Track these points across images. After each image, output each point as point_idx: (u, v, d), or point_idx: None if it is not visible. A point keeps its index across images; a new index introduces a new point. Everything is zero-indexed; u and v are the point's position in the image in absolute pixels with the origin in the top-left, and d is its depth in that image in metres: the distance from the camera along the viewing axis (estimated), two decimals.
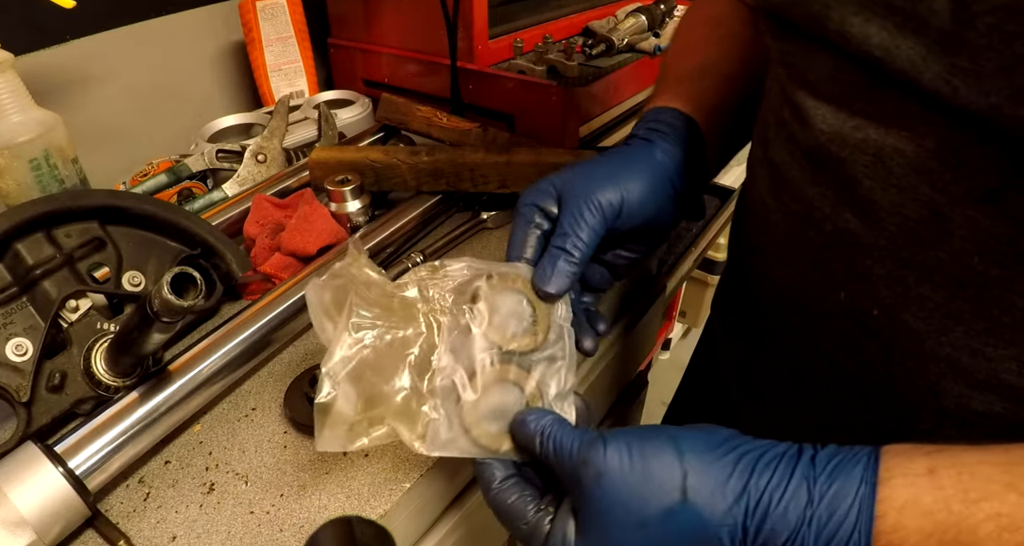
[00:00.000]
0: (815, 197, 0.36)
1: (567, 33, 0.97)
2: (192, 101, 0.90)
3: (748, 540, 0.28)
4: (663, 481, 0.29)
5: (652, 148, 0.44)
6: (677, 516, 0.29)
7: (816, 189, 0.36)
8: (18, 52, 0.59)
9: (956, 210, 0.30)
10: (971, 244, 0.30)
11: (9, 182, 0.58)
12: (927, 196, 0.30)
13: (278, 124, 0.74)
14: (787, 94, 0.37)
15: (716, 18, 0.55)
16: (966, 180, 0.29)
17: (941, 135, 0.29)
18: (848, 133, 0.33)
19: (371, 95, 0.88)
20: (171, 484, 0.43)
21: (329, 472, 0.43)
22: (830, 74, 0.33)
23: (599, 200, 0.40)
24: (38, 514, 0.36)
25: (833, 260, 0.36)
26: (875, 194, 0.32)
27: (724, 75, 0.50)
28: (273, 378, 0.50)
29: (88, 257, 0.48)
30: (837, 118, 0.33)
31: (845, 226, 0.34)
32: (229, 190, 0.69)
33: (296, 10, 0.88)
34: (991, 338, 0.31)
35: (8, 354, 0.42)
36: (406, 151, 0.65)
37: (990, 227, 0.29)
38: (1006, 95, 0.25)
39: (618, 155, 0.44)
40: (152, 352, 0.42)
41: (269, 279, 0.57)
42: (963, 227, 0.30)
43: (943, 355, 0.33)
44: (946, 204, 0.30)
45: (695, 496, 0.29)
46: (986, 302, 0.30)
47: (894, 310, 0.34)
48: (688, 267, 0.92)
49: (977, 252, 0.30)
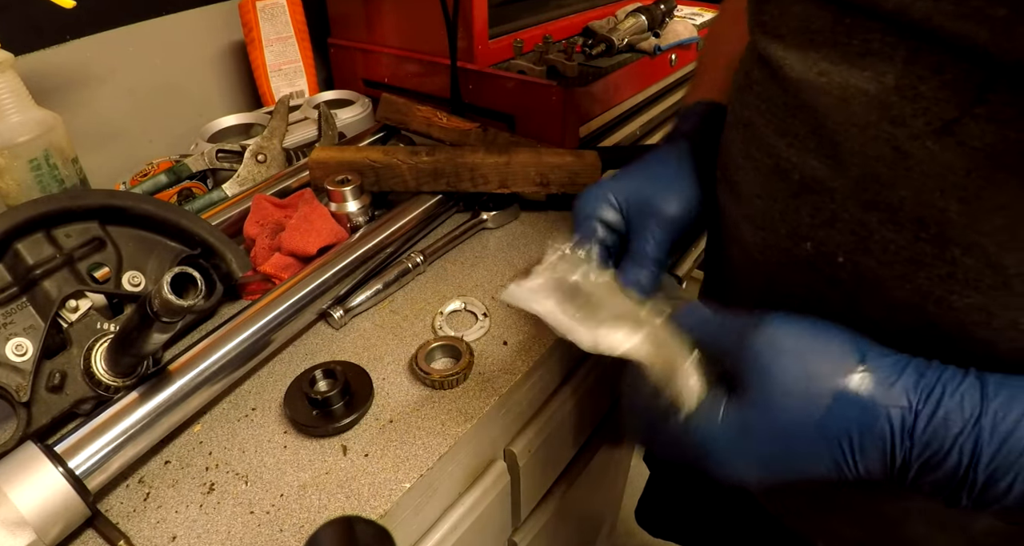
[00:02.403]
0: (783, 148, 0.36)
1: (567, 33, 0.97)
2: (192, 101, 0.90)
3: (918, 427, 0.28)
4: (840, 354, 0.30)
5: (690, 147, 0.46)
6: (849, 392, 0.29)
7: (784, 140, 0.36)
8: (18, 52, 0.59)
9: (915, 144, 0.30)
10: (931, 179, 0.30)
11: (9, 182, 0.58)
12: (888, 132, 0.31)
13: (278, 124, 0.74)
14: (759, 49, 0.38)
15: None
16: (924, 112, 0.29)
17: (901, 70, 0.29)
18: (814, 78, 0.33)
19: (371, 95, 0.88)
20: (171, 484, 0.43)
21: (329, 472, 0.43)
22: (800, 22, 0.34)
23: (667, 217, 0.44)
24: (38, 514, 0.36)
25: (799, 209, 0.36)
26: (839, 136, 0.33)
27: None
28: (273, 378, 0.50)
29: (88, 257, 0.48)
30: (804, 64, 0.34)
31: (812, 173, 0.35)
32: (229, 190, 0.69)
33: (296, 10, 0.88)
34: (955, 284, 0.31)
35: (8, 354, 0.42)
36: (406, 151, 0.65)
37: (950, 160, 0.29)
38: (973, 20, 0.26)
39: (669, 158, 0.46)
40: (152, 352, 0.42)
41: (269, 279, 0.57)
42: (923, 162, 0.30)
43: (908, 304, 0.33)
44: (906, 139, 0.30)
45: (870, 372, 0.29)
46: (947, 242, 0.30)
47: (857, 255, 0.34)
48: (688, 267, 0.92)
49: (938, 188, 0.30)
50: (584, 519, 0.86)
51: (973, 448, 0.27)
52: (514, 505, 0.59)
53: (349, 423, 0.45)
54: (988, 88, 0.27)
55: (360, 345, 0.53)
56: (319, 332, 0.55)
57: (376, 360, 0.51)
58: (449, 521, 0.49)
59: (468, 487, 0.51)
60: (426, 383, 0.48)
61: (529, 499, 0.62)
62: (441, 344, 0.51)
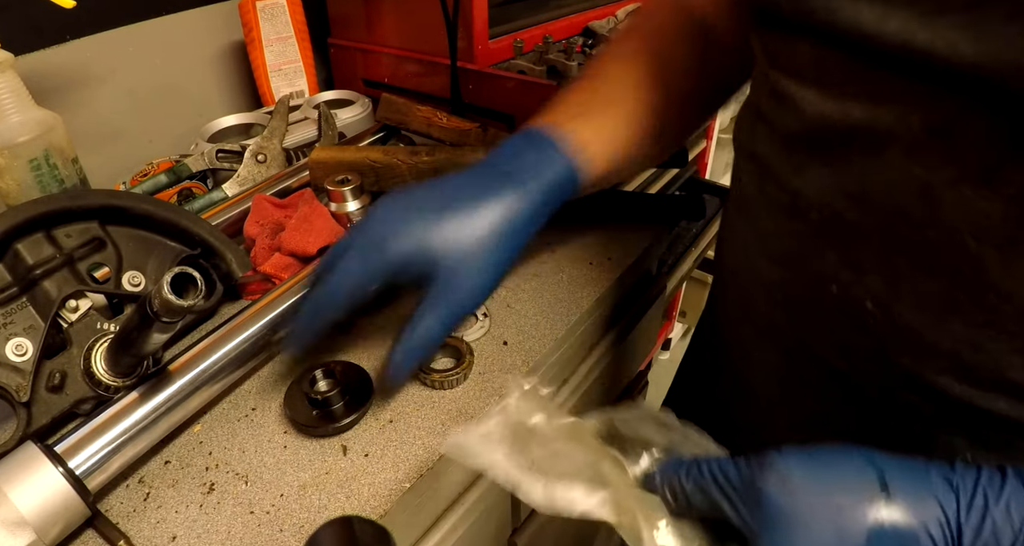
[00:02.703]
0: (801, 186, 0.35)
1: (567, 33, 0.97)
2: (192, 101, 0.90)
3: (965, 539, 0.25)
4: (859, 479, 0.26)
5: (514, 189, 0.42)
6: (884, 525, 0.25)
7: (801, 178, 0.35)
8: (18, 52, 0.59)
9: (948, 189, 0.28)
10: (965, 225, 0.28)
11: (9, 182, 0.58)
12: (918, 176, 0.29)
13: (278, 124, 0.74)
14: (770, 83, 0.36)
15: (636, 26, 0.54)
16: (958, 158, 0.27)
17: (932, 110, 0.28)
18: (836, 116, 0.31)
19: (371, 95, 0.88)
20: (171, 484, 0.43)
21: (329, 472, 0.43)
22: (813, 59, 0.32)
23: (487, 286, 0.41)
24: (38, 514, 0.36)
25: (823, 250, 0.34)
26: (864, 177, 0.31)
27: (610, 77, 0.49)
28: (273, 378, 0.50)
29: (88, 257, 0.48)
30: (823, 101, 0.32)
31: (833, 213, 0.33)
32: (229, 190, 0.69)
33: (296, 10, 0.88)
34: (992, 330, 0.29)
35: (8, 354, 0.42)
36: (406, 151, 0.65)
37: (986, 207, 0.27)
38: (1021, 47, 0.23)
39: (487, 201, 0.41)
40: (152, 352, 0.42)
41: (269, 279, 0.57)
42: (957, 208, 0.28)
43: (942, 351, 0.31)
44: (938, 184, 0.28)
45: (898, 495, 0.25)
46: (985, 290, 0.29)
47: (888, 301, 0.32)
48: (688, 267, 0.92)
49: (973, 234, 0.28)
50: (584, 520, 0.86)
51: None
52: (514, 505, 0.59)
53: (349, 423, 0.45)
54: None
55: (360, 345, 0.53)
56: None
57: (376, 360, 0.51)
58: (449, 521, 0.49)
59: (468, 487, 0.51)
60: (426, 383, 0.48)
61: None
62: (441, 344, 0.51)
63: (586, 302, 0.57)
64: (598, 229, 0.65)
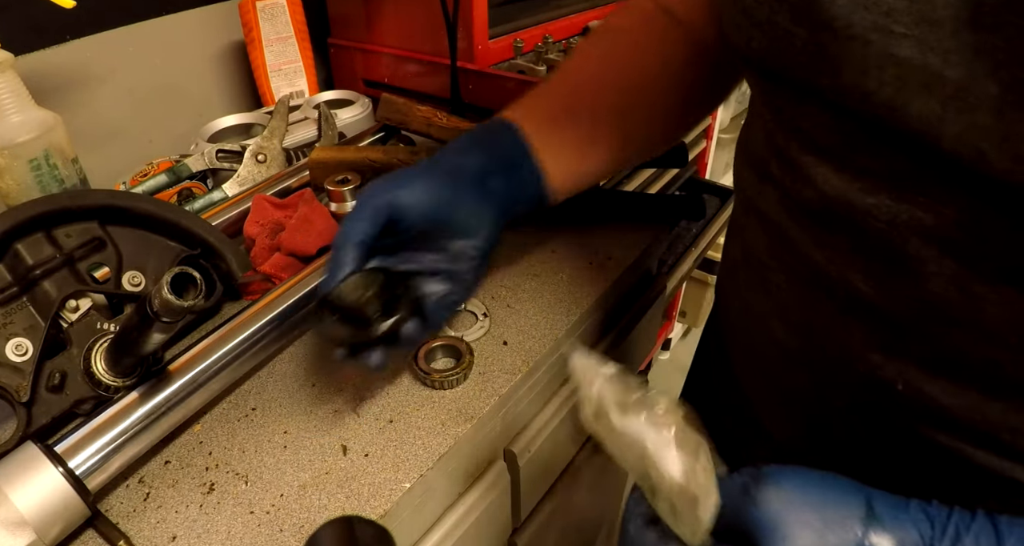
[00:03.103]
0: (822, 261, 0.32)
1: (567, 33, 0.97)
2: (192, 101, 0.90)
3: None
4: (848, 500, 0.27)
5: (444, 153, 0.44)
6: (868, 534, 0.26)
7: (823, 252, 0.32)
8: (18, 52, 0.59)
9: (987, 288, 0.26)
10: (1007, 325, 0.26)
11: (9, 182, 0.58)
12: (952, 270, 0.27)
13: (278, 124, 0.74)
14: (777, 145, 0.33)
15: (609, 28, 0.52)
16: (996, 256, 0.25)
17: (966, 204, 0.25)
18: (856, 197, 0.29)
19: (371, 95, 0.88)
20: (171, 484, 0.43)
21: (329, 472, 0.43)
22: (828, 124, 0.29)
23: (370, 209, 0.41)
24: (38, 514, 0.36)
25: (850, 329, 0.32)
26: (892, 264, 0.29)
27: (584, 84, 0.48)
28: (273, 378, 0.50)
29: (88, 257, 0.48)
30: (841, 179, 0.29)
31: (859, 296, 0.31)
32: (229, 190, 0.69)
33: (296, 10, 0.88)
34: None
35: (8, 354, 0.42)
36: (406, 151, 0.65)
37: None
38: None
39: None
40: (152, 352, 0.42)
41: (269, 279, 0.57)
42: (996, 305, 0.26)
43: (978, 431, 0.30)
44: (975, 281, 0.26)
45: (883, 515, 0.26)
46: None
47: (921, 384, 0.31)
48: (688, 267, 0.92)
49: (1014, 333, 0.26)
50: (584, 519, 0.86)
51: None
52: (514, 505, 0.59)
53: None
54: None
55: None
56: None
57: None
58: (449, 521, 0.49)
59: (468, 487, 0.51)
60: (426, 383, 0.48)
61: (529, 499, 0.62)
62: (441, 344, 0.51)
63: (586, 302, 0.57)
64: (598, 229, 0.65)
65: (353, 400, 0.48)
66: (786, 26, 0.28)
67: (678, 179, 1.04)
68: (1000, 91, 0.22)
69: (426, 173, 0.42)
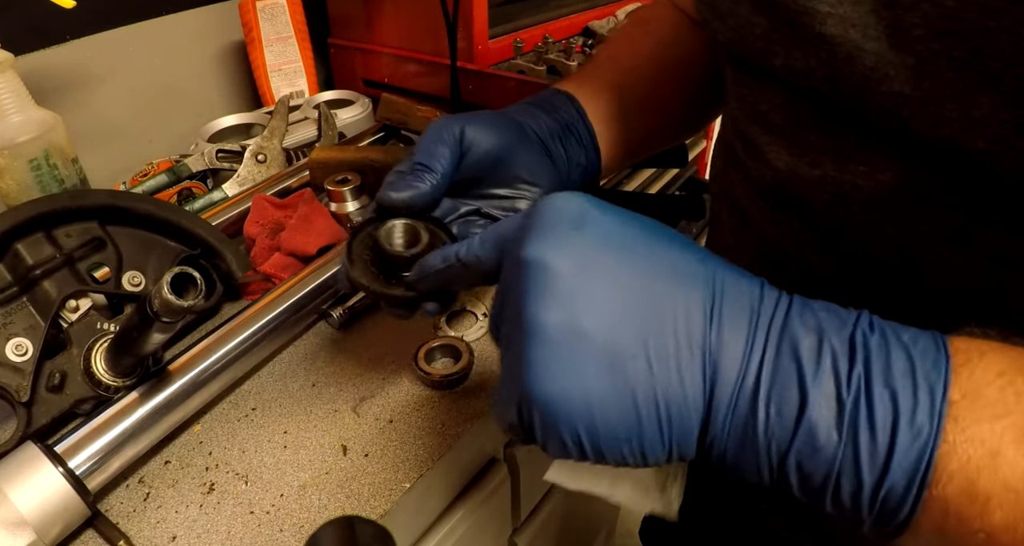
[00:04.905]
0: (778, 238, 0.34)
1: (567, 33, 0.97)
2: (192, 101, 0.90)
3: None
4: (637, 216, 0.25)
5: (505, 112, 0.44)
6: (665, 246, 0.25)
7: (777, 229, 0.34)
8: (18, 52, 0.59)
9: (926, 249, 0.28)
10: (947, 285, 0.28)
11: (9, 182, 0.58)
12: (893, 234, 0.29)
13: (278, 124, 0.74)
14: (740, 129, 0.36)
15: (643, 19, 0.56)
16: (931, 217, 0.27)
17: (900, 169, 0.27)
18: (804, 170, 0.31)
19: (371, 95, 0.88)
20: (171, 484, 0.43)
21: (329, 472, 0.43)
22: (781, 105, 0.31)
23: (446, 133, 0.40)
24: (38, 514, 0.36)
25: None
26: (838, 234, 0.31)
27: (626, 66, 0.49)
28: (273, 378, 0.50)
29: (88, 257, 0.48)
30: (791, 155, 0.31)
31: (811, 268, 0.33)
32: (229, 190, 0.69)
33: (296, 10, 0.88)
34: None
35: (8, 354, 0.42)
36: (406, 151, 0.65)
37: (963, 266, 0.27)
38: (959, 126, 0.23)
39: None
40: (152, 352, 0.42)
41: (269, 279, 0.57)
42: (935, 266, 0.28)
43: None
44: (915, 243, 0.28)
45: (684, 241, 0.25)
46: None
47: None
48: None
49: (954, 292, 0.28)
50: (584, 520, 0.86)
51: None
52: (514, 505, 0.59)
53: None
54: (998, 191, 0.25)
55: (360, 345, 0.53)
56: (319, 332, 0.55)
57: (376, 360, 0.51)
58: (449, 521, 0.49)
59: (468, 487, 0.51)
60: (426, 383, 0.48)
61: (529, 499, 0.62)
62: (441, 344, 0.51)
63: None
64: None
65: (353, 400, 0.48)
66: (747, 16, 0.31)
67: (678, 179, 1.04)
68: (916, 62, 0.24)
69: (492, 114, 0.41)
